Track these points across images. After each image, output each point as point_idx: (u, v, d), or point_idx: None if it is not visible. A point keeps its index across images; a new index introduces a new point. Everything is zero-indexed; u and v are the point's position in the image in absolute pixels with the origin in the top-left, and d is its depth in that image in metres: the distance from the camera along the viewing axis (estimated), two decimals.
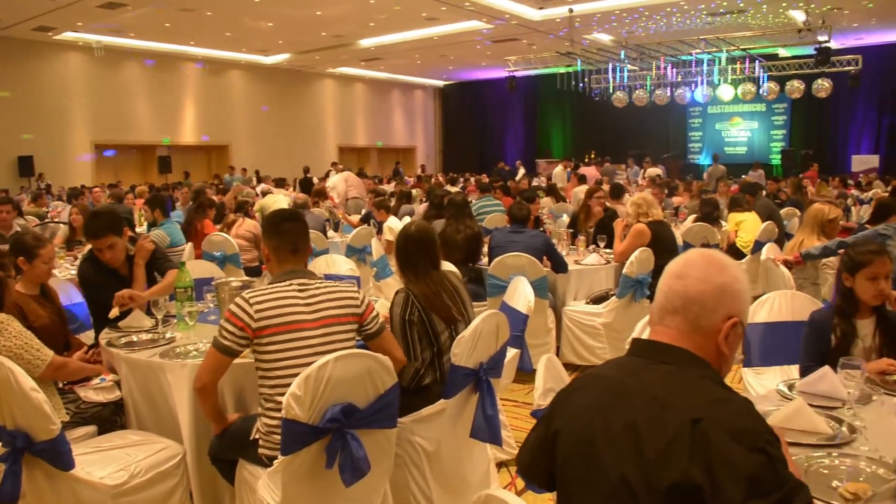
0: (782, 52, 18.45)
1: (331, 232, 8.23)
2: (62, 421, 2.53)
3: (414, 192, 10.86)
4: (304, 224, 2.71)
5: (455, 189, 12.05)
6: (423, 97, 28.46)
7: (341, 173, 13.18)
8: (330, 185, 12.19)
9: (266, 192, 12.41)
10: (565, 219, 8.19)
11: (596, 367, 1.61)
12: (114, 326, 3.44)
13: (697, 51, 16.24)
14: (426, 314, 2.89)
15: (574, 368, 5.13)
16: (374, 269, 6.45)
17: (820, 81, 15.87)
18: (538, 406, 2.26)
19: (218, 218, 7.28)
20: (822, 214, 4.86)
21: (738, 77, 16.96)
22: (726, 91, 17.26)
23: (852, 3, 14.13)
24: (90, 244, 3.71)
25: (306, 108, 23.24)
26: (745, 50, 16.33)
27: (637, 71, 18.10)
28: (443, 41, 17.99)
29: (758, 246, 6.59)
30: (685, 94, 17.90)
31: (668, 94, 17.76)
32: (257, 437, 2.47)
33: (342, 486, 2.23)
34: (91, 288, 3.79)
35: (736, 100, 17.89)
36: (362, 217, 8.80)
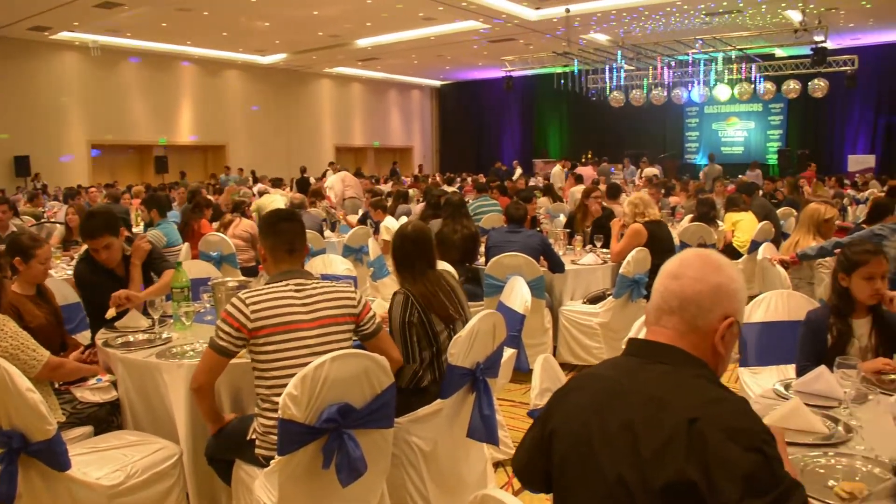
0: (779, 52, 18.47)
1: (328, 232, 8.22)
2: (58, 421, 2.52)
3: (411, 192, 10.86)
4: (300, 224, 2.70)
5: (452, 189, 12.05)
6: (419, 97, 28.46)
7: (338, 173, 13.17)
8: (328, 185, 12.19)
9: (263, 192, 12.41)
10: (562, 219, 8.20)
11: (592, 367, 1.61)
12: (110, 327, 3.44)
13: (694, 51, 16.25)
14: (425, 314, 2.89)
15: (571, 368, 5.13)
16: (371, 269, 6.45)
17: (816, 81, 15.91)
18: (535, 406, 2.26)
19: (213, 218, 7.27)
20: (817, 214, 4.88)
21: (734, 77, 16.98)
22: (723, 91, 17.29)
23: (849, 4, 14.16)
24: (86, 244, 3.70)
25: (303, 108, 23.23)
26: (741, 50, 16.35)
27: (634, 71, 18.11)
28: (440, 41, 17.99)
29: (754, 246, 6.60)
30: (682, 94, 17.92)
31: (665, 94, 17.77)
32: (254, 437, 2.46)
33: (339, 486, 2.22)
34: (87, 288, 3.79)
35: (732, 100, 17.91)
36: (360, 218, 8.80)
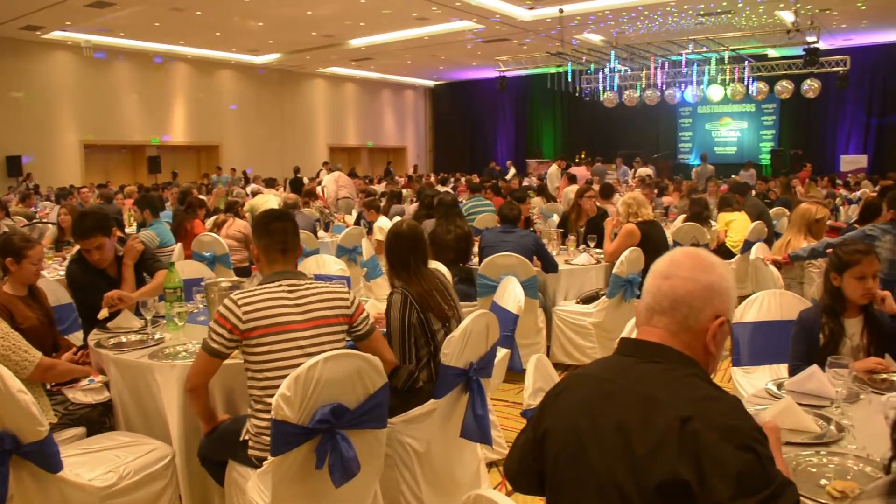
0: (772, 52, 18.53)
1: (321, 232, 8.21)
2: (50, 422, 2.51)
3: (404, 192, 10.85)
4: (293, 224, 2.70)
5: (445, 189, 12.05)
6: (413, 97, 28.43)
7: (332, 173, 13.15)
8: (324, 184, 12.19)
9: (256, 192, 12.37)
10: (555, 219, 8.20)
11: (583, 367, 1.61)
12: (103, 327, 3.43)
13: (687, 51, 16.29)
14: (423, 314, 2.89)
15: (564, 368, 5.14)
16: (365, 269, 6.44)
17: (809, 82, 15.95)
18: (528, 406, 2.26)
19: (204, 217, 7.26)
20: (809, 214, 4.89)
21: (727, 77, 17.02)
22: (716, 91, 17.31)
23: (843, 5, 14.21)
24: (78, 245, 3.69)
25: (297, 107, 23.17)
26: (734, 50, 16.39)
27: (627, 71, 18.13)
28: (433, 41, 17.97)
29: (747, 245, 6.62)
30: (675, 95, 17.95)
31: (659, 94, 17.80)
32: (247, 438, 2.46)
33: (332, 486, 2.22)
34: (79, 289, 3.77)
35: (725, 100, 17.95)
36: (355, 219, 8.79)
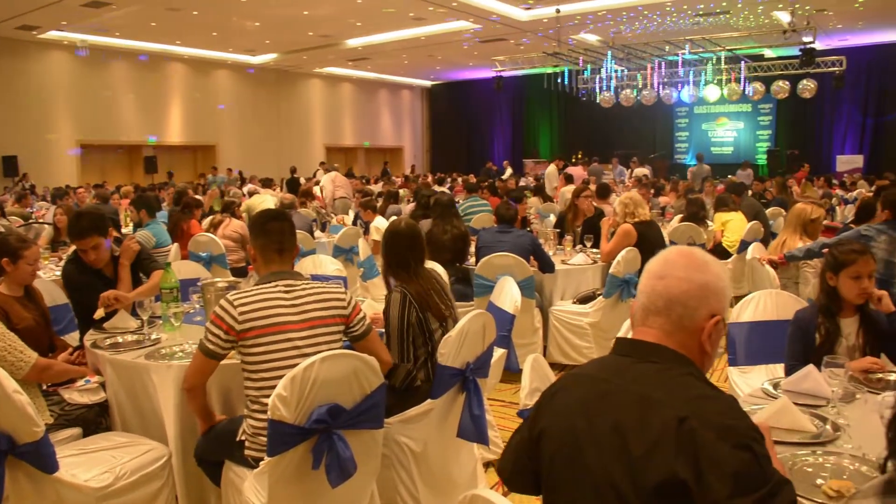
0: (768, 52, 18.56)
1: (318, 232, 8.20)
2: (46, 423, 2.51)
3: (401, 192, 10.85)
4: (290, 224, 2.69)
5: (442, 189, 12.05)
6: (410, 97, 28.42)
7: (328, 173, 13.14)
8: (322, 184, 12.18)
9: (252, 192, 12.36)
10: (552, 219, 8.21)
11: (579, 367, 1.61)
12: (99, 328, 3.42)
13: (684, 51, 16.30)
14: (422, 313, 2.90)
15: (561, 368, 5.14)
16: (362, 269, 6.44)
17: (805, 82, 15.99)
18: (525, 406, 2.26)
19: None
20: (804, 214, 4.90)
21: (723, 77, 17.05)
22: (712, 91, 17.34)
23: (840, 6, 14.23)
24: (74, 245, 3.68)
25: (293, 108, 23.15)
26: (731, 50, 16.41)
27: (624, 71, 18.14)
28: (430, 41, 17.97)
29: (744, 245, 6.63)
30: (672, 95, 17.97)
31: (655, 94, 17.81)
32: (243, 438, 2.45)
33: (329, 487, 2.22)
34: (75, 289, 3.76)
35: (722, 100, 17.96)
36: (353, 219, 8.79)
